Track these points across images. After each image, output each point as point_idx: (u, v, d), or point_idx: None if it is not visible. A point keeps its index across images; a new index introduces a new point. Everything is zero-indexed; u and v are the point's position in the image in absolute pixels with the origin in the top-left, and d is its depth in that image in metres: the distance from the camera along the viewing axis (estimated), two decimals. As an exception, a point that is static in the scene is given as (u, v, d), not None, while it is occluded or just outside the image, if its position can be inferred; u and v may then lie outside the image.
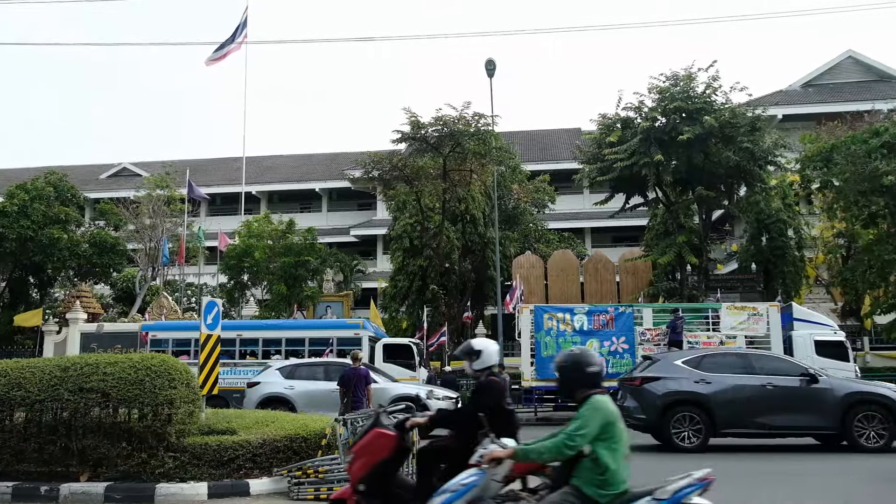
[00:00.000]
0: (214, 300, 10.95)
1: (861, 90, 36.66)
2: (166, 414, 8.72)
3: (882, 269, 23.13)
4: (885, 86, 37.03)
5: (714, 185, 26.43)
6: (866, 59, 39.22)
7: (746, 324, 20.54)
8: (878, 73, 38.64)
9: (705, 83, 25.09)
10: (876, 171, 22.16)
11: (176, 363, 9.35)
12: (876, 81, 38.07)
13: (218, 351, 10.62)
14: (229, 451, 8.85)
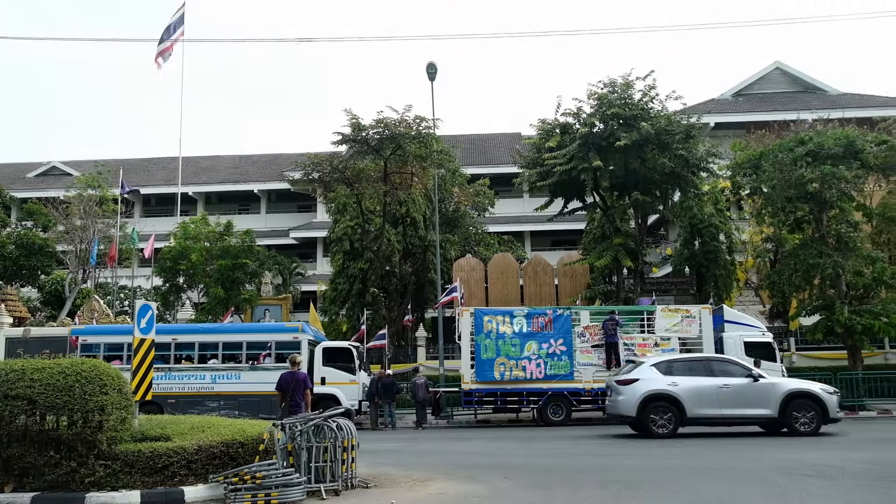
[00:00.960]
0: (148, 303, 10.68)
1: (788, 100, 38.07)
2: (97, 421, 8.48)
3: (807, 273, 24.05)
4: (811, 96, 38.55)
5: (650, 190, 27.07)
6: (793, 70, 40.78)
7: (680, 325, 21.08)
8: (804, 84, 40.20)
9: (642, 91, 25.68)
10: (801, 179, 23.05)
11: (107, 368, 9.09)
12: (802, 92, 39.60)
13: (152, 356, 10.37)
14: (163, 457, 8.65)
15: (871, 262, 23.77)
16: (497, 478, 10.38)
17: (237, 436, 9.29)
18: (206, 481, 8.78)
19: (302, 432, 9.19)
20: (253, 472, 8.66)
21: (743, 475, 10.23)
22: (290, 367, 12.49)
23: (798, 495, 8.64)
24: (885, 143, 24.55)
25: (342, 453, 9.34)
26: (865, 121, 30.72)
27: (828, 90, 39.74)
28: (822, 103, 36.15)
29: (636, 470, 11.05)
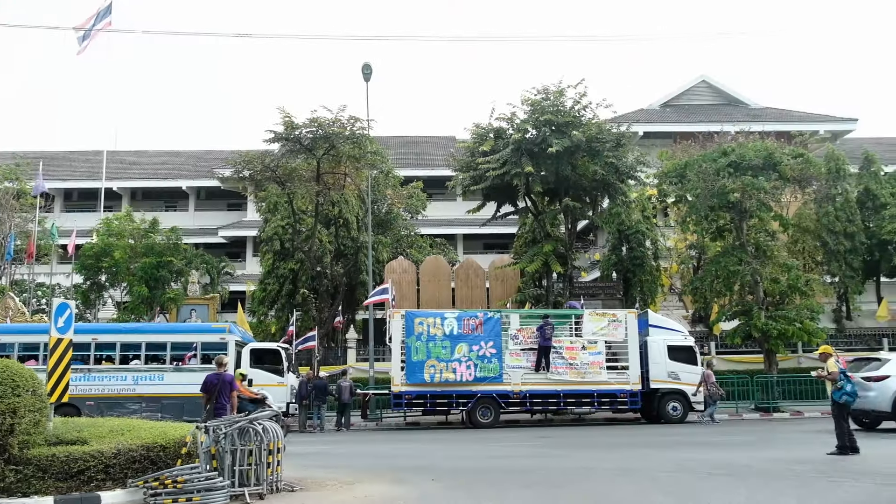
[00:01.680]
0: (67, 302, 10.32)
1: (713, 112, 39.37)
2: (8, 424, 8.14)
3: (727, 279, 24.95)
4: (734, 109, 39.99)
5: (580, 196, 27.60)
6: (718, 84, 42.20)
7: (607, 329, 21.55)
8: (728, 97, 41.65)
9: (573, 99, 26.15)
10: (723, 188, 23.91)
11: (21, 369, 8.75)
12: (725, 105, 41.03)
13: (69, 356, 10.03)
14: (79, 462, 8.36)
15: (787, 269, 24.81)
16: (425, 480, 10.42)
17: (159, 439, 9.06)
18: (125, 486, 8.54)
19: (226, 435, 9.03)
20: (174, 476, 8.47)
21: (655, 475, 10.56)
22: (216, 368, 12.27)
23: (706, 493, 8.97)
24: (801, 156, 25.69)
25: (267, 456, 9.22)
26: (783, 134, 32.06)
27: (750, 104, 41.28)
28: (745, 116, 37.55)
29: (560, 471, 11.28)
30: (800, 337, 24.56)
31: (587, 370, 21.03)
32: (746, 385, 24.77)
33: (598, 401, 21.22)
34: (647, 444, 15.39)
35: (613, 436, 17.72)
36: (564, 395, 20.96)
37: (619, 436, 17.63)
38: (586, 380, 20.99)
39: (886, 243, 30.00)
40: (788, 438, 16.44)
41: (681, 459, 12.40)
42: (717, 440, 16.09)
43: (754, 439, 16.25)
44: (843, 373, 12.82)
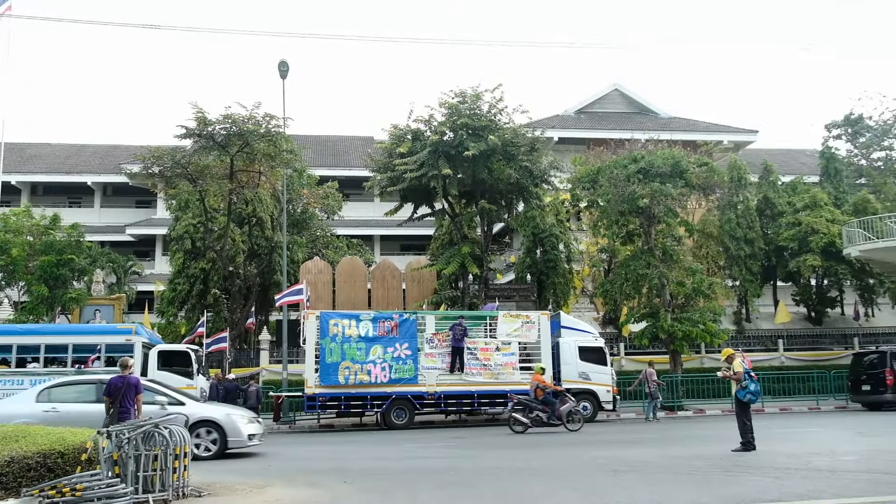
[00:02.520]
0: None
1: (625, 120, 40.60)
2: None
3: (636, 282, 25.77)
4: (644, 118, 41.33)
5: (496, 199, 27.96)
6: (630, 93, 43.53)
7: (520, 331, 21.90)
8: (640, 106, 43.02)
9: (490, 103, 26.46)
10: (633, 194, 24.69)
11: None
12: (637, 114, 42.37)
13: (-41, 359, 9.48)
14: (-33, 471, 7.91)
15: (692, 273, 25.82)
16: (336, 482, 10.34)
17: (56, 445, 8.65)
18: (19, 496, 8.12)
19: (130, 440, 8.71)
20: (73, 483, 8.11)
21: (564, 473, 10.82)
22: (121, 370, 11.81)
23: (613, 489, 9.25)
24: (706, 164, 26.80)
25: (174, 461, 8.95)
26: (690, 143, 33.38)
27: (659, 113, 42.75)
28: (654, 125, 38.83)
29: (472, 472, 11.41)
30: (703, 338, 25.58)
31: (501, 371, 21.32)
32: (654, 385, 25.59)
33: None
34: (558, 443, 15.72)
35: (526, 436, 18.00)
36: (479, 395, 21.18)
37: (531, 435, 17.92)
38: (500, 380, 21.27)
39: (783, 249, 31.60)
40: (692, 436, 17.11)
41: (589, 457, 12.73)
42: (624, 438, 16.61)
43: (660, 437, 16.85)
44: (748, 372, 13.42)
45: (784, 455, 12.44)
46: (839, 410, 24.87)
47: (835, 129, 41.60)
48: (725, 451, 12.80)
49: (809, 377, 26.67)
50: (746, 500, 8.28)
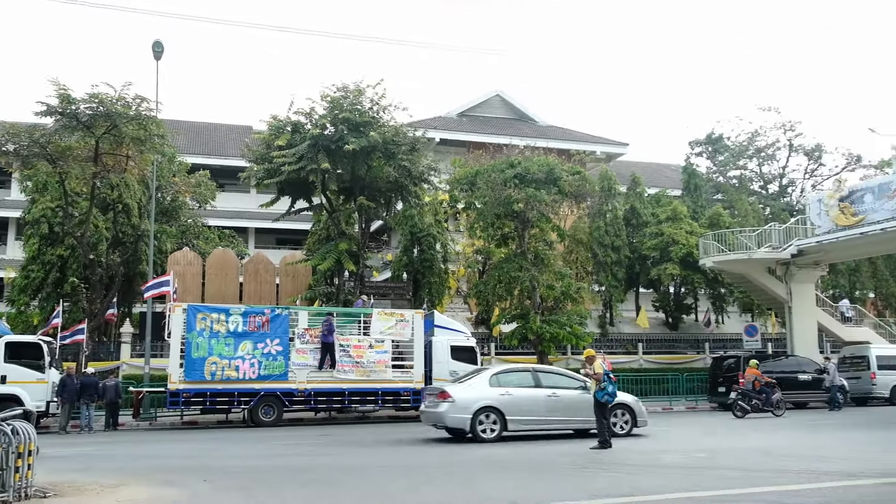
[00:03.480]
0: None
1: (505, 126, 41.51)
2: None
3: (509, 284, 26.46)
4: (523, 125, 42.43)
5: (375, 196, 27.88)
6: (511, 99, 44.53)
7: (394, 329, 21.99)
8: (519, 113, 44.10)
9: (372, 99, 26.36)
10: (509, 198, 25.34)
11: None
12: (516, 120, 43.42)
13: None
14: None
15: (561, 277, 26.79)
16: (196, 481, 10.01)
17: None
18: None
19: None
20: None
21: (429, 470, 10.98)
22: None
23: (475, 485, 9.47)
24: (579, 173, 27.88)
25: (16, 460, 8.37)
26: (565, 152, 34.62)
27: (538, 121, 43.99)
28: (532, 132, 39.96)
29: (339, 469, 11.36)
30: (569, 340, 26.59)
31: (373, 368, 21.32)
32: (521, 384, 26.33)
33: (382, 399, 21.59)
34: (426, 441, 15.88)
35: (395, 433, 18.08)
36: (350, 393, 21.08)
37: (400, 433, 18.02)
38: (372, 378, 21.27)
39: (646, 258, 33.33)
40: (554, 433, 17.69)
41: (455, 454, 12.98)
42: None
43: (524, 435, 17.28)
44: (607, 374, 14.06)
45: (637, 452, 13.13)
46: (690, 410, 26.51)
47: (697, 147, 44.36)
48: (584, 449, 13.36)
49: (665, 379, 28.25)
50: (600, 494, 8.68)
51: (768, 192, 43.11)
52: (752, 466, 11.17)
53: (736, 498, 8.44)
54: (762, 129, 43.45)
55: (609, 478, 10.16)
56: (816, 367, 26.73)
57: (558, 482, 9.83)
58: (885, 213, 24.31)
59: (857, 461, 11.69)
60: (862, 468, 10.76)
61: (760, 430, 17.80)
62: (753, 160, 43.94)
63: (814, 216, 27.61)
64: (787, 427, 18.73)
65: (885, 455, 12.55)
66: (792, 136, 42.81)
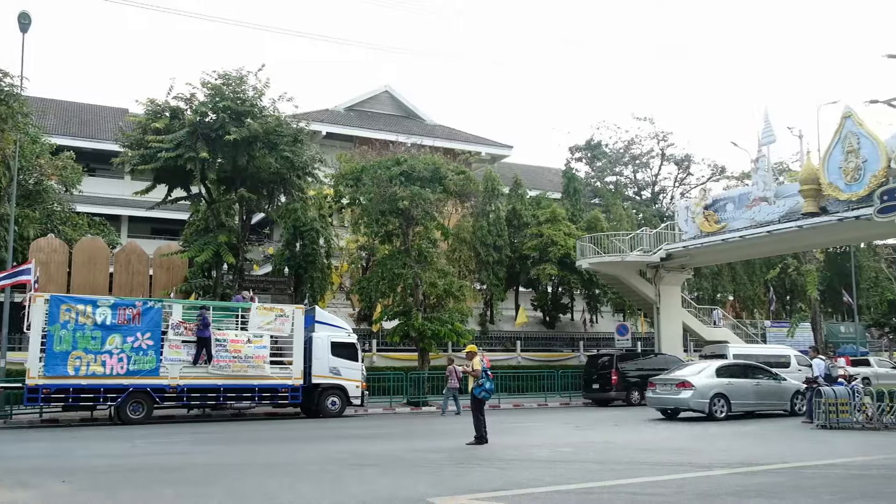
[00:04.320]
0: None
1: (392, 123, 41.56)
2: None
3: (392, 281, 26.51)
4: (411, 122, 42.61)
5: (257, 188, 27.20)
6: (399, 96, 44.61)
7: (274, 324, 21.57)
8: (408, 110, 44.26)
9: (255, 87, 25.70)
10: (394, 196, 25.37)
11: None
12: (404, 117, 43.54)
13: None
14: None
15: (444, 275, 27.10)
16: (54, 482, 9.47)
17: None
18: None
19: None
20: None
21: (306, 468, 10.88)
22: None
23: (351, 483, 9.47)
24: (464, 173, 28.25)
25: None
26: (450, 151, 35.00)
27: (425, 119, 44.28)
28: (420, 130, 40.19)
29: (212, 468, 11.06)
30: (450, 337, 26.96)
31: (251, 364, 20.82)
32: (401, 381, 26.51)
33: (259, 395, 21.14)
34: (305, 438, 15.72)
35: (272, 431, 17.80)
36: (225, 389, 20.50)
37: (277, 430, 17.75)
38: (249, 374, 20.79)
39: (526, 258, 34.24)
40: (433, 430, 17.95)
41: (334, 452, 12.90)
42: (370, 433, 17.02)
43: (402, 431, 17.49)
44: (485, 371, 14.35)
45: (511, 448, 13.51)
46: (564, 406, 27.51)
47: (577, 152, 46.01)
48: (461, 445, 13.61)
49: (541, 376, 29.16)
50: (473, 489, 8.87)
51: (642, 198, 45.27)
52: (614, 459, 11.75)
53: (599, 490, 8.85)
54: (637, 137, 45.61)
55: (483, 472, 10.40)
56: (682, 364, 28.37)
57: (433, 477, 9.97)
58: (744, 222, 26.04)
59: (711, 453, 12.52)
60: (715, 459, 11.54)
61: (624, 425, 18.72)
62: (629, 167, 46.02)
63: (681, 222, 29.21)
64: (649, 421, 19.78)
65: (735, 446, 13.48)
66: (664, 146, 45.18)
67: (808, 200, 23.08)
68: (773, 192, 25.10)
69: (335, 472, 10.49)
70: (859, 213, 21.60)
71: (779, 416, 20.54)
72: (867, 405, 16.84)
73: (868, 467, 10.72)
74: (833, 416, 16.81)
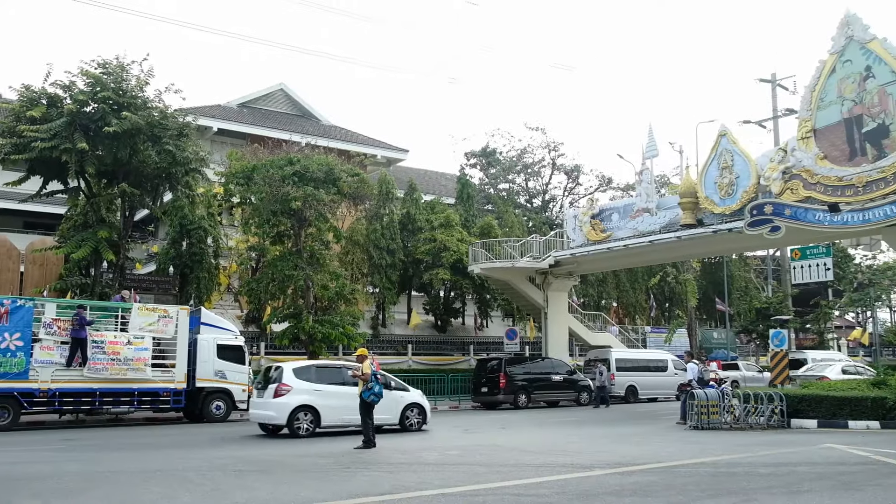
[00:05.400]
0: None
1: (287, 121, 40.84)
2: None
3: (282, 283, 26.02)
4: (306, 122, 42.02)
5: (141, 183, 26.05)
6: (295, 94, 43.89)
7: (156, 325, 20.73)
8: (303, 109, 43.61)
9: (139, 77, 24.62)
10: (287, 196, 24.90)
11: None
12: (299, 116, 42.88)
13: None
14: None
15: (336, 277, 26.82)
16: None
17: None
18: None
19: None
20: None
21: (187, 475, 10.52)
22: None
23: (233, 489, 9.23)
24: (359, 175, 28.07)
25: None
26: (346, 153, 34.76)
27: (321, 119, 43.75)
28: (315, 130, 39.66)
29: (83, 476, 10.50)
30: (341, 340, 26.70)
31: (131, 366, 19.89)
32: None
33: (138, 399, 20.25)
34: (186, 444, 15.18)
35: (151, 437, 17.08)
36: (101, 393, 19.50)
37: (157, 436, 17.05)
38: (129, 377, 19.86)
39: (419, 262, 34.40)
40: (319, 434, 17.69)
41: (216, 458, 12.53)
42: (256, 438, 16.62)
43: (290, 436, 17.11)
44: (374, 375, 14.32)
45: (399, 451, 13.54)
46: (453, 410, 27.77)
47: (472, 159, 46.68)
48: (349, 449, 13.52)
49: (432, 380, 29.31)
50: (359, 493, 8.85)
51: (533, 206, 46.39)
52: (500, 461, 11.98)
53: (485, 492, 9.01)
54: (530, 146, 46.72)
55: (370, 476, 10.37)
56: (568, 368, 29.29)
57: (319, 483, 9.86)
58: (628, 231, 27.14)
59: (592, 454, 12.98)
60: (596, 460, 11.97)
61: (512, 428, 19.11)
62: (521, 175, 47.06)
63: (570, 230, 30.14)
64: (536, 424, 20.28)
65: (615, 447, 14.03)
66: (556, 156, 46.47)
67: (686, 213, 24.29)
68: (655, 203, 26.27)
69: (217, 478, 10.19)
70: (732, 225, 22.90)
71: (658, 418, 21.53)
72: (735, 407, 17.91)
73: (734, 465, 11.40)
74: (704, 418, 17.76)
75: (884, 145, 19.26)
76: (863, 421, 17.00)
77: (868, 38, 19.57)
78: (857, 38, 19.78)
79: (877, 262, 50.10)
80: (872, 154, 19.44)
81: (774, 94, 34.21)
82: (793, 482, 9.64)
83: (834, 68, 20.35)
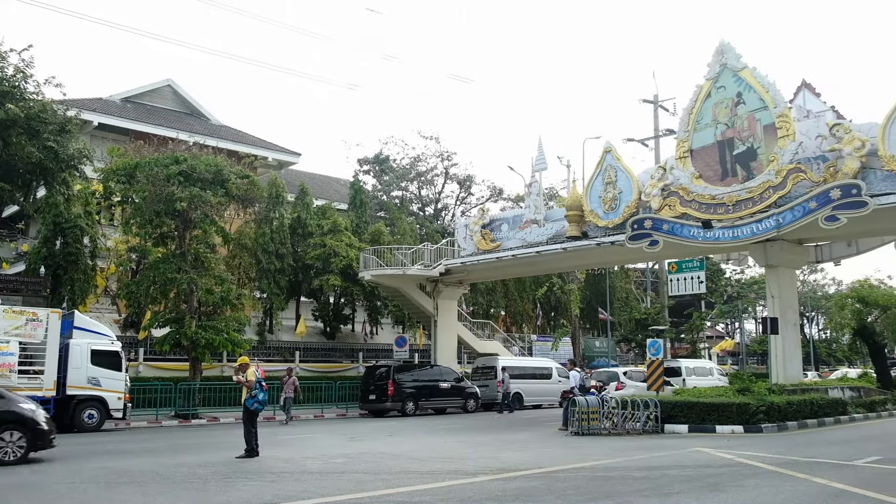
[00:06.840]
0: None
1: (174, 119, 39.36)
2: None
3: (164, 286, 25.05)
4: (194, 120, 40.66)
5: (12, 178, 24.48)
6: (183, 91, 42.38)
7: (24, 329, 19.55)
8: (191, 107, 42.17)
9: (17, 67, 23.18)
10: (172, 196, 24.00)
11: None
12: (188, 114, 41.44)
13: None
14: None
15: (221, 282, 26.05)
16: None
17: None
18: None
19: None
20: None
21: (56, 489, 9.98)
22: None
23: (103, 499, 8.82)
24: (248, 177, 27.38)
25: None
26: (235, 154, 33.85)
27: (210, 118, 42.44)
28: (204, 129, 38.40)
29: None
30: (226, 346, 25.94)
31: (-7, 374, 18.60)
32: (169, 392, 25.05)
33: (1, 408, 18.91)
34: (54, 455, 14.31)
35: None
36: (-43, 402, 18.09)
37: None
38: (-9, 385, 18.54)
39: (309, 267, 33.92)
40: (202, 443, 17.15)
41: (87, 470, 11.91)
42: (130, 448, 15.93)
43: (167, 445, 16.53)
44: (259, 382, 14.01)
45: (283, 460, 13.29)
46: (341, 417, 27.51)
47: (366, 165, 46.48)
48: (230, 458, 13.16)
49: (319, 387, 28.93)
50: (240, 504, 8.62)
51: (425, 214, 46.69)
52: (385, 469, 11.98)
53: (368, 500, 8.98)
54: (424, 155, 47.02)
55: (251, 486, 10.13)
56: (456, 375, 29.58)
57: (195, 495, 9.54)
58: (517, 242, 27.80)
59: (477, 460, 13.17)
60: (481, 466, 12.17)
61: (399, 435, 19.14)
62: (414, 183, 47.28)
63: (461, 239, 30.54)
64: (423, 431, 20.39)
65: (498, 454, 14.30)
66: (448, 165, 46.97)
67: (572, 225, 25.13)
68: (543, 215, 27.04)
69: (86, 492, 9.69)
70: (614, 238, 23.88)
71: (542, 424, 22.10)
72: (613, 413, 18.64)
73: (611, 469, 11.85)
74: (585, 424, 18.39)
75: (752, 167, 20.64)
76: (728, 425, 18.07)
77: (740, 67, 20.95)
78: (730, 66, 21.14)
79: (744, 276, 53.49)
80: (742, 175, 20.78)
81: (656, 115, 35.85)
82: (664, 485, 10.13)
83: (710, 93, 21.65)
